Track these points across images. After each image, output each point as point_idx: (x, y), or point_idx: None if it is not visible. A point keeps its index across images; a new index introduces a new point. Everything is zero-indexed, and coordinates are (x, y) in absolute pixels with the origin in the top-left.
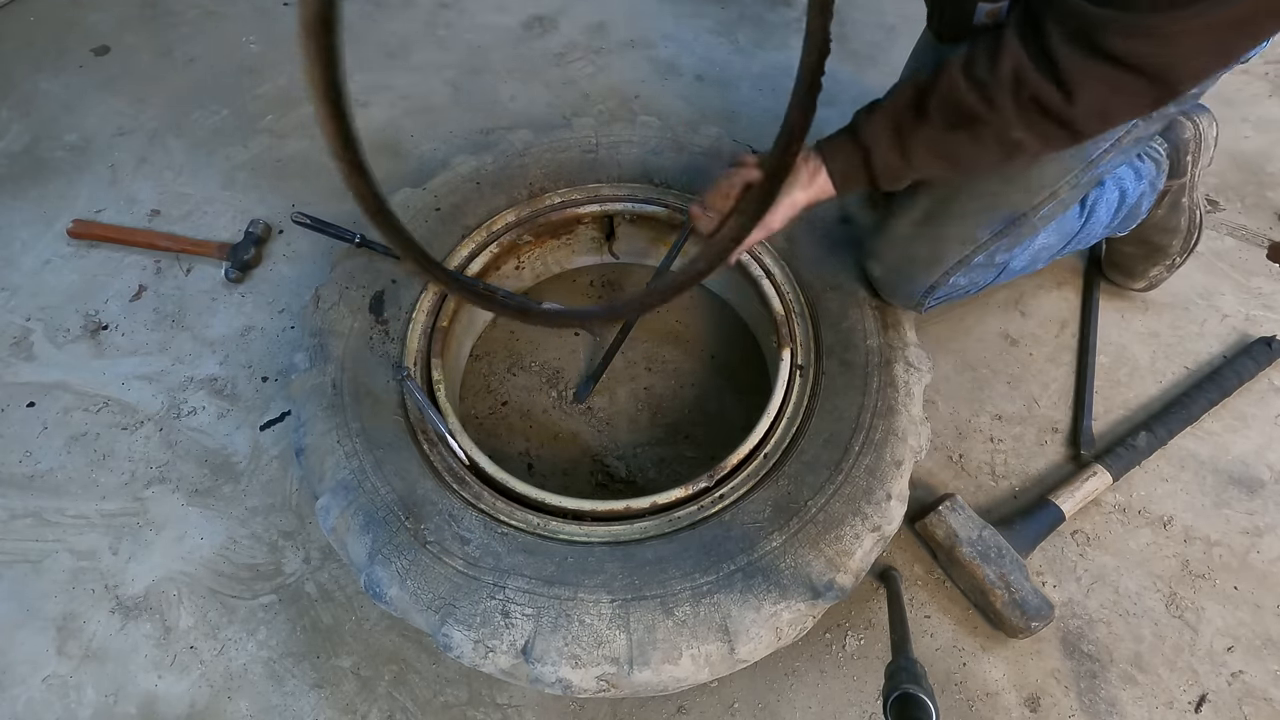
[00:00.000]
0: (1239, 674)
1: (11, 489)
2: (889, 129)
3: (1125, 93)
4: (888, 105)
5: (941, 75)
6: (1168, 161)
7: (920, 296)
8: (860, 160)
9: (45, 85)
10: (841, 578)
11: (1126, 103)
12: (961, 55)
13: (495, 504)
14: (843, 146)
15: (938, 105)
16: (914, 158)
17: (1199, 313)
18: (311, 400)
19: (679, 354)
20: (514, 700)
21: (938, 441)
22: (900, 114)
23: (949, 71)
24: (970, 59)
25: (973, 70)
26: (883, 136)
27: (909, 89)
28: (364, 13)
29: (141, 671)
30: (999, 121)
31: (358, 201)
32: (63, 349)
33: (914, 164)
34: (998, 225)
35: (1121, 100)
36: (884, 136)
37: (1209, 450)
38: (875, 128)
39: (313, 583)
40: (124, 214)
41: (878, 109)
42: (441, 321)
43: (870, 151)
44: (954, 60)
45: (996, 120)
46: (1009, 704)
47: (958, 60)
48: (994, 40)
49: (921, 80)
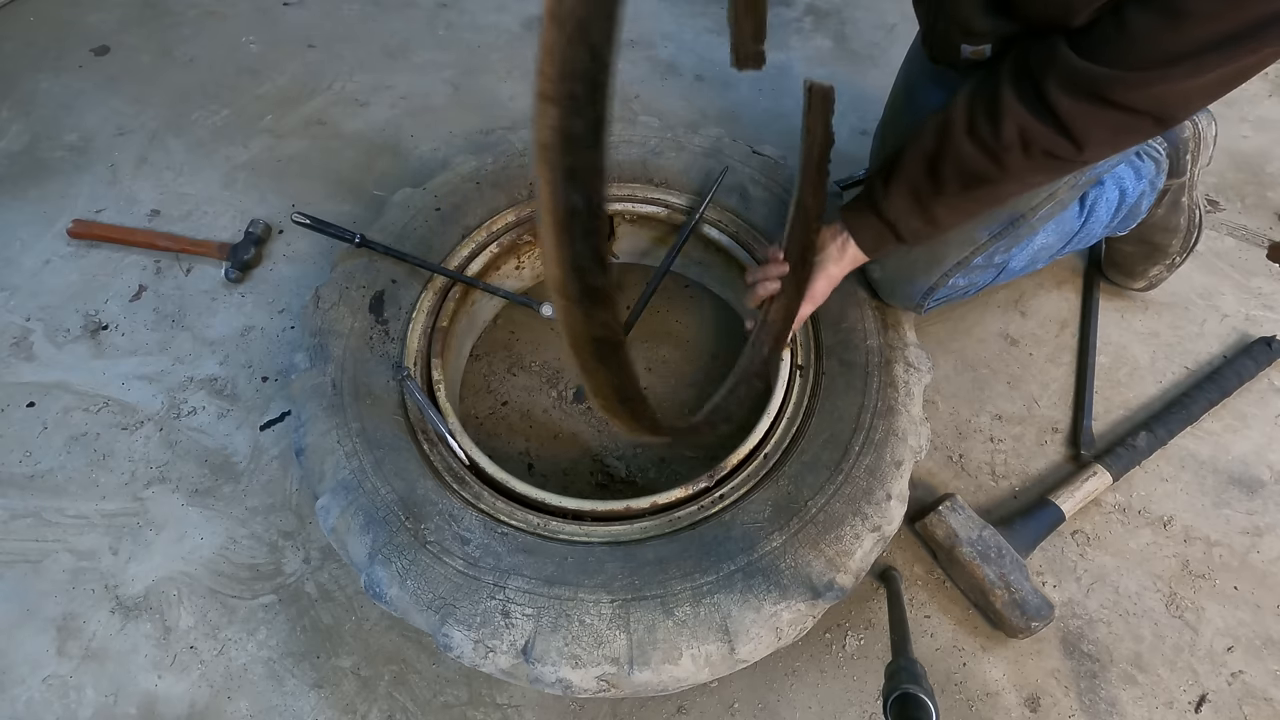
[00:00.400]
0: (1239, 674)
1: (11, 489)
2: (908, 199)
3: (1131, 131)
4: (902, 176)
5: (948, 142)
6: (1167, 161)
7: (920, 298)
8: (888, 233)
9: (45, 85)
10: (841, 578)
11: (1133, 138)
12: (963, 116)
13: (495, 504)
14: (868, 223)
15: (952, 173)
16: (940, 221)
17: (1199, 313)
18: (311, 400)
19: (679, 354)
20: (514, 700)
21: (938, 441)
22: (917, 184)
23: (955, 137)
24: (971, 121)
25: (978, 134)
26: (904, 208)
27: (917, 161)
28: (364, 13)
29: (141, 671)
30: (1013, 176)
31: (644, 435)
32: (63, 349)
33: (941, 225)
34: (996, 226)
35: (1128, 137)
36: (905, 208)
37: (1209, 450)
38: (895, 201)
39: (313, 583)
40: (124, 214)
41: (894, 179)
42: (441, 321)
43: (895, 224)
44: (956, 122)
45: (1010, 177)
46: (1009, 704)
47: (960, 122)
48: (990, 99)
49: (929, 147)
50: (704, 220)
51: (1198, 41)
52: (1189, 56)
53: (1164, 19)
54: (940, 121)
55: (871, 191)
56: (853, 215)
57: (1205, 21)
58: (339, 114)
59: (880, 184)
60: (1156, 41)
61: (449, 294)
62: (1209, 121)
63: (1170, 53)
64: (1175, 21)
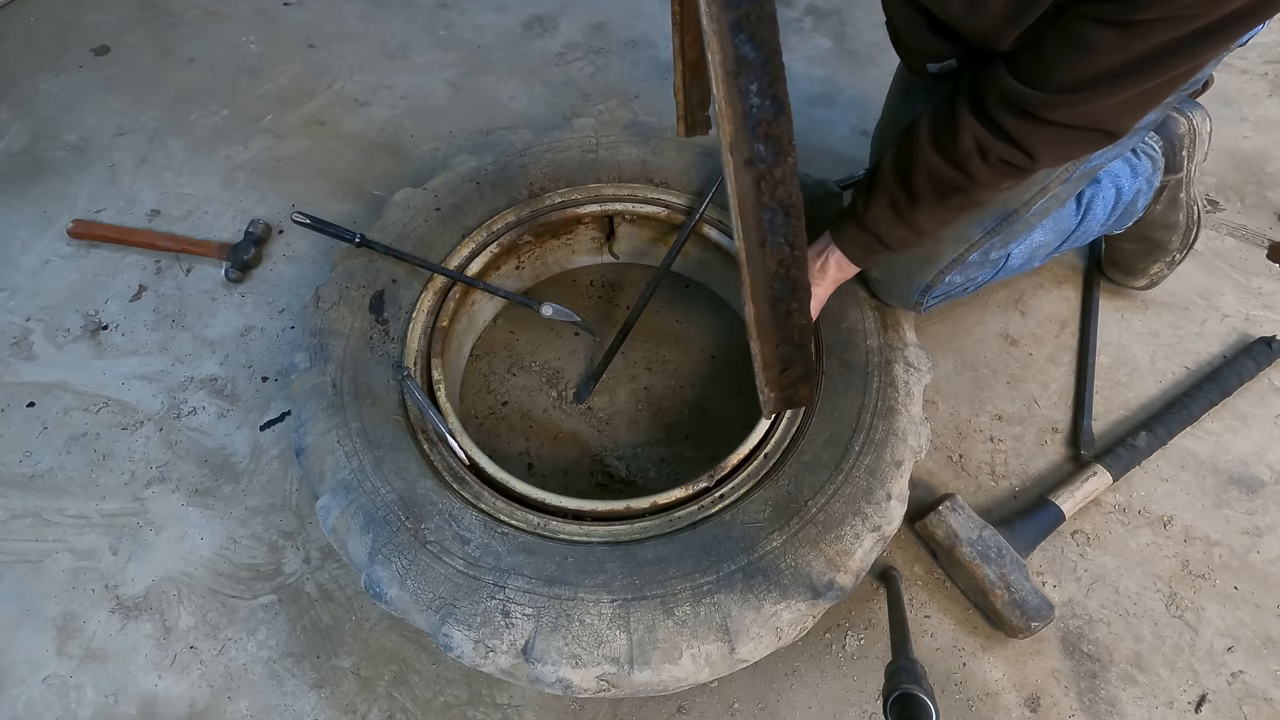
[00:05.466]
0: (1239, 674)
1: (11, 489)
2: (888, 212)
3: (1078, 143)
4: (880, 189)
5: (916, 155)
6: (1163, 158)
7: (917, 296)
8: (876, 243)
9: (45, 85)
10: (841, 578)
11: (1082, 148)
12: (928, 129)
13: (495, 504)
14: (856, 237)
15: (924, 184)
16: (923, 228)
17: (1199, 313)
18: (311, 400)
19: (679, 354)
20: (514, 700)
21: (938, 441)
22: (894, 198)
23: (922, 149)
24: (936, 134)
25: (941, 146)
26: (886, 221)
27: (891, 173)
28: (364, 13)
29: (141, 671)
30: (982, 184)
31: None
32: (63, 349)
33: (924, 232)
34: (990, 223)
35: (1076, 148)
36: (886, 220)
37: (1209, 450)
38: (876, 214)
39: (313, 583)
40: (124, 214)
41: (873, 193)
42: (441, 321)
43: (880, 236)
44: (921, 135)
45: (979, 184)
46: (1009, 704)
47: (925, 135)
48: (949, 113)
49: (901, 160)
50: (704, 220)
51: (1107, 67)
52: (1103, 80)
53: (1073, 49)
54: (909, 137)
55: (854, 207)
56: (839, 231)
57: (1108, 52)
58: (339, 114)
59: (861, 199)
60: (1070, 67)
61: (449, 294)
62: (1203, 117)
63: (1084, 76)
64: (1083, 53)
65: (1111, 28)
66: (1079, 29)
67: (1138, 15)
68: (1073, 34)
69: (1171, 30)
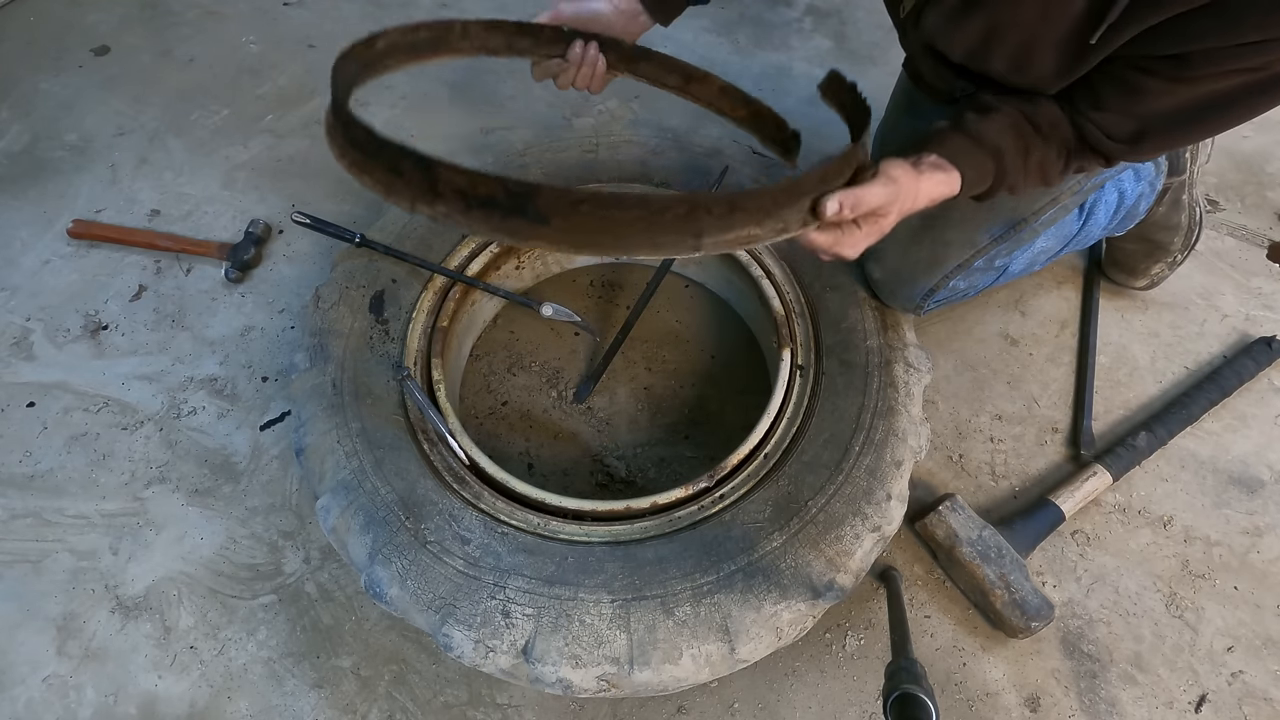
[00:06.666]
0: (1239, 674)
1: (11, 489)
2: (1013, 136)
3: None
4: (1000, 117)
5: (1040, 111)
6: (1166, 161)
7: (919, 299)
8: (991, 165)
9: (45, 85)
10: (841, 578)
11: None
12: (1053, 103)
13: (495, 504)
14: (971, 150)
15: (1049, 133)
16: (1029, 173)
17: (1199, 312)
18: (311, 400)
19: (679, 354)
20: (514, 700)
21: (938, 441)
22: (1020, 127)
23: (1049, 109)
24: (1075, 109)
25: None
26: (1009, 143)
27: (1014, 111)
28: (364, 13)
29: (141, 671)
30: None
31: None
32: (63, 349)
33: (1029, 178)
34: (998, 230)
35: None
36: (1010, 142)
37: (1209, 450)
38: (998, 135)
39: (313, 583)
40: (124, 214)
41: (989, 119)
42: (441, 321)
43: (1002, 155)
44: (1047, 102)
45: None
46: (1009, 704)
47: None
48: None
49: (1025, 108)
50: None
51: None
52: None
53: (1129, 93)
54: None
55: (962, 121)
56: (948, 143)
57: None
58: None
59: (973, 115)
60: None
61: (449, 294)
62: None
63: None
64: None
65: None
66: (1132, 77)
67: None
68: (1128, 80)
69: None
